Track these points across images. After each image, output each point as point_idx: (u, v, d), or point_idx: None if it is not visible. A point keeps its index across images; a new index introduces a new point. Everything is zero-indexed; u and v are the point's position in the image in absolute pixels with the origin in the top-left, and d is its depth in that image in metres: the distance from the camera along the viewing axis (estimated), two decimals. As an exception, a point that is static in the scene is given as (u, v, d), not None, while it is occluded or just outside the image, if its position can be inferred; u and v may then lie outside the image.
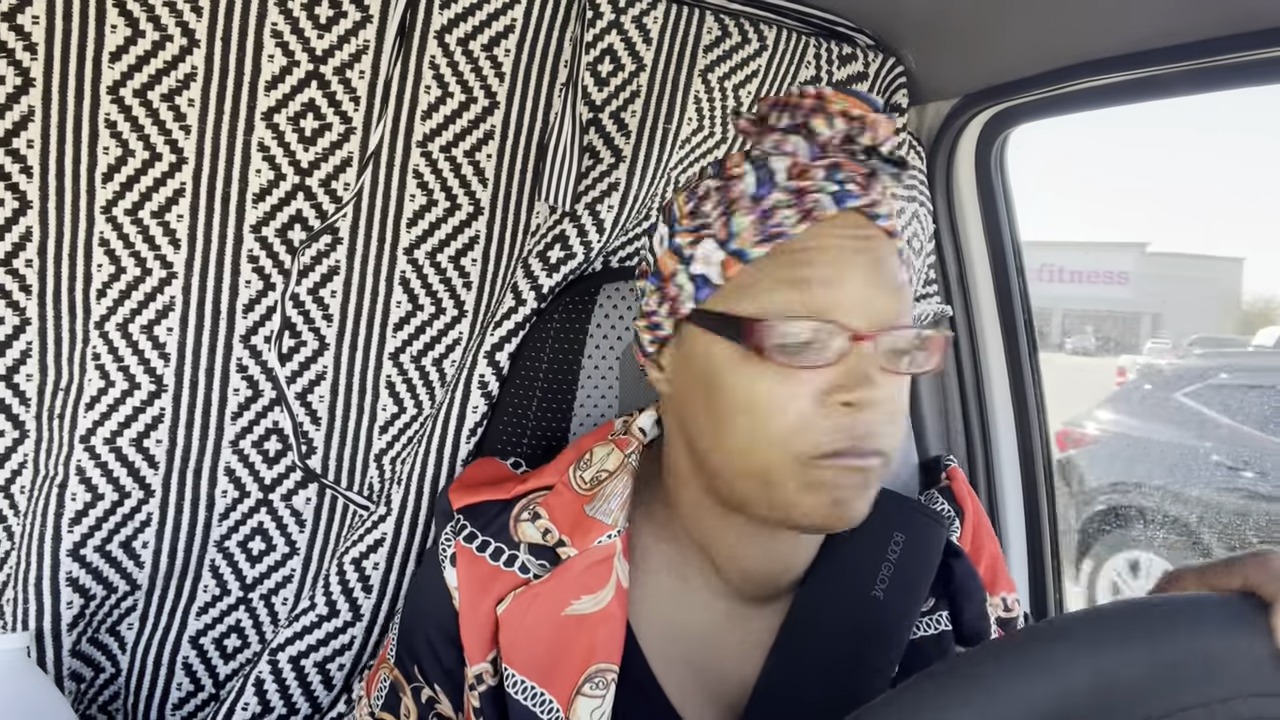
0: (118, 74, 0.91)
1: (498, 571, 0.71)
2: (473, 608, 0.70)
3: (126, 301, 0.95)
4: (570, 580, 0.69)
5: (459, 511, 0.75)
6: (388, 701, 0.75)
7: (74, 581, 0.94)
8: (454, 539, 0.73)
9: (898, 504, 0.76)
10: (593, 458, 0.74)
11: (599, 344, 0.96)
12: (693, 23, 1.04)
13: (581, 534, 0.70)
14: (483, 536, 0.72)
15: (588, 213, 0.99)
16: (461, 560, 0.71)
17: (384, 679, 0.76)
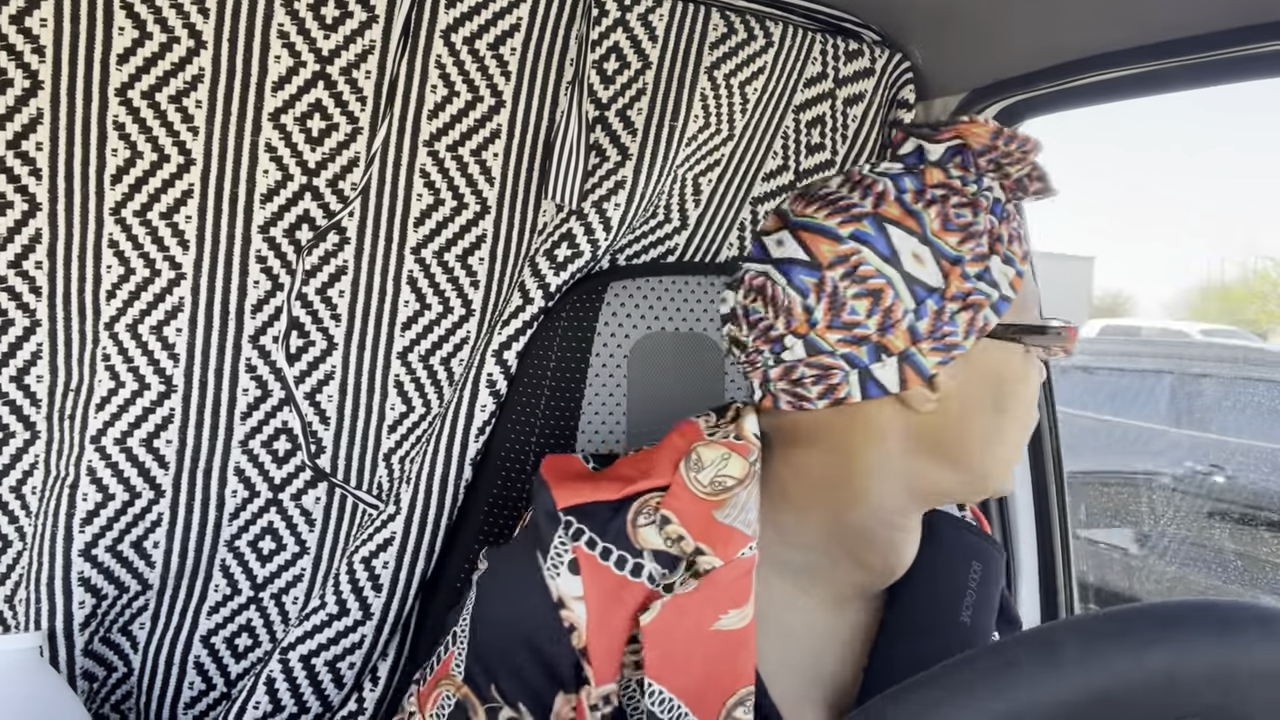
0: (125, 76, 0.91)
1: (625, 582, 0.65)
2: (603, 622, 0.64)
3: (136, 302, 0.95)
4: (718, 593, 0.64)
5: (567, 513, 0.67)
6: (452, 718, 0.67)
7: (85, 581, 0.94)
8: (570, 544, 0.66)
9: (970, 533, 0.79)
10: (703, 460, 0.68)
11: (606, 342, 0.97)
12: (698, 20, 1.04)
13: (721, 544, 0.65)
14: (603, 543, 0.66)
15: (595, 211, 0.99)
16: (586, 568, 0.65)
17: (447, 696, 0.68)
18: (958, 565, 0.76)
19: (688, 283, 0.99)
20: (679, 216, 1.09)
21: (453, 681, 0.68)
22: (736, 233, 1.13)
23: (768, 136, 1.10)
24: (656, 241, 1.10)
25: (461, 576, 0.96)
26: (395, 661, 1.02)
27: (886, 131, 1.15)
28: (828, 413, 0.68)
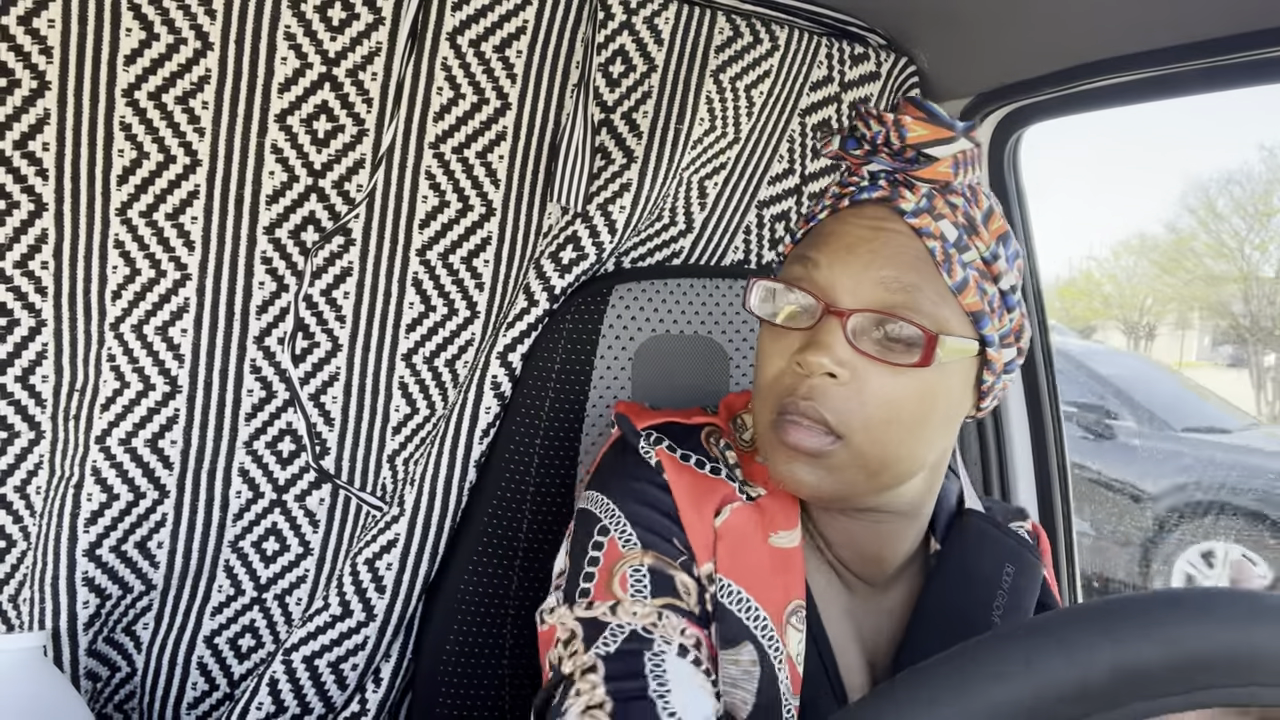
0: (132, 77, 0.92)
1: (706, 479, 0.71)
2: (694, 511, 0.69)
3: (141, 303, 0.95)
4: (771, 512, 0.70)
5: (647, 430, 0.74)
6: (658, 589, 0.66)
7: (90, 581, 0.94)
8: (653, 449, 0.72)
9: (1006, 535, 0.79)
10: (746, 423, 0.77)
11: (611, 344, 0.97)
12: (704, 23, 1.04)
13: (763, 478, 0.72)
14: (682, 449, 0.73)
15: (600, 213, 0.99)
16: (669, 468, 0.71)
17: (634, 569, 0.67)
18: (991, 565, 0.76)
19: (693, 286, 0.99)
20: (684, 219, 1.09)
21: (634, 555, 0.68)
22: (742, 236, 1.13)
23: (773, 140, 1.10)
24: (662, 244, 1.10)
25: (464, 578, 0.96)
26: (398, 663, 1.02)
27: None
28: None
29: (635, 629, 0.64)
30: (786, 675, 0.67)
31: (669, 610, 0.65)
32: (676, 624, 0.65)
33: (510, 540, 0.96)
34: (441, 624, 0.96)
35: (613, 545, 0.69)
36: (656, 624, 0.64)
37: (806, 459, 0.64)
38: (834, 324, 0.63)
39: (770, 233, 1.14)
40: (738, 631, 0.67)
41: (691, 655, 0.64)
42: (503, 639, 0.97)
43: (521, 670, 0.97)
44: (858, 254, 0.65)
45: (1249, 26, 0.82)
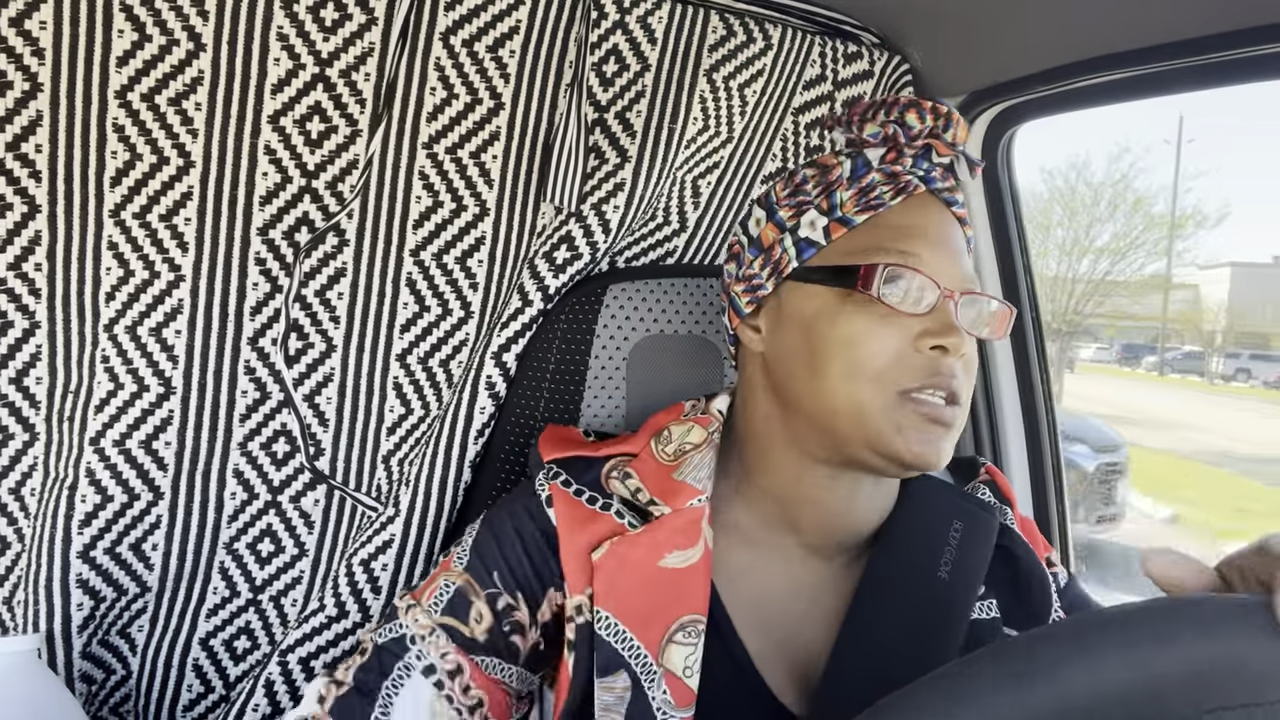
0: (125, 78, 0.92)
1: (594, 514, 0.75)
2: (572, 542, 0.73)
3: (135, 304, 0.95)
4: (663, 536, 0.72)
5: (551, 462, 0.79)
6: (451, 606, 0.73)
7: (84, 583, 0.94)
8: (548, 483, 0.76)
9: (955, 494, 0.81)
10: (672, 434, 0.79)
11: (605, 344, 0.96)
12: (697, 22, 1.04)
13: (671, 496, 0.74)
14: (577, 484, 0.76)
15: (594, 213, 0.99)
16: (558, 501, 0.75)
17: (445, 584, 0.74)
18: (937, 525, 0.78)
19: (687, 285, 0.99)
20: (678, 219, 1.09)
21: (453, 572, 0.75)
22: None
23: (767, 139, 1.10)
24: (656, 244, 1.10)
25: None
26: (394, 664, 1.02)
27: None
28: (742, 375, 0.81)
29: (407, 634, 0.72)
30: (665, 693, 0.69)
31: (444, 630, 0.72)
32: (443, 646, 0.72)
33: None
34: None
35: (450, 559, 0.76)
36: (425, 638, 0.72)
37: (944, 431, 0.69)
38: (951, 307, 0.70)
39: None
40: (611, 660, 0.70)
41: (437, 677, 0.71)
42: None
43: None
44: (947, 244, 0.72)
45: (1241, 24, 0.83)
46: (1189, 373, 25.94)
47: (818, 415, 0.71)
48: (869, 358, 0.68)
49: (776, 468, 0.76)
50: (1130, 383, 21.28)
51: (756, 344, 0.77)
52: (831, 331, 0.70)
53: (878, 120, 0.75)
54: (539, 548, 0.74)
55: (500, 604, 0.73)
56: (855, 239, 0.72)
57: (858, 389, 0.68)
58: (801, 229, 0.74)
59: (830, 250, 0.73)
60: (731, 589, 0.75)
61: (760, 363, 0.77)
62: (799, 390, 0.72)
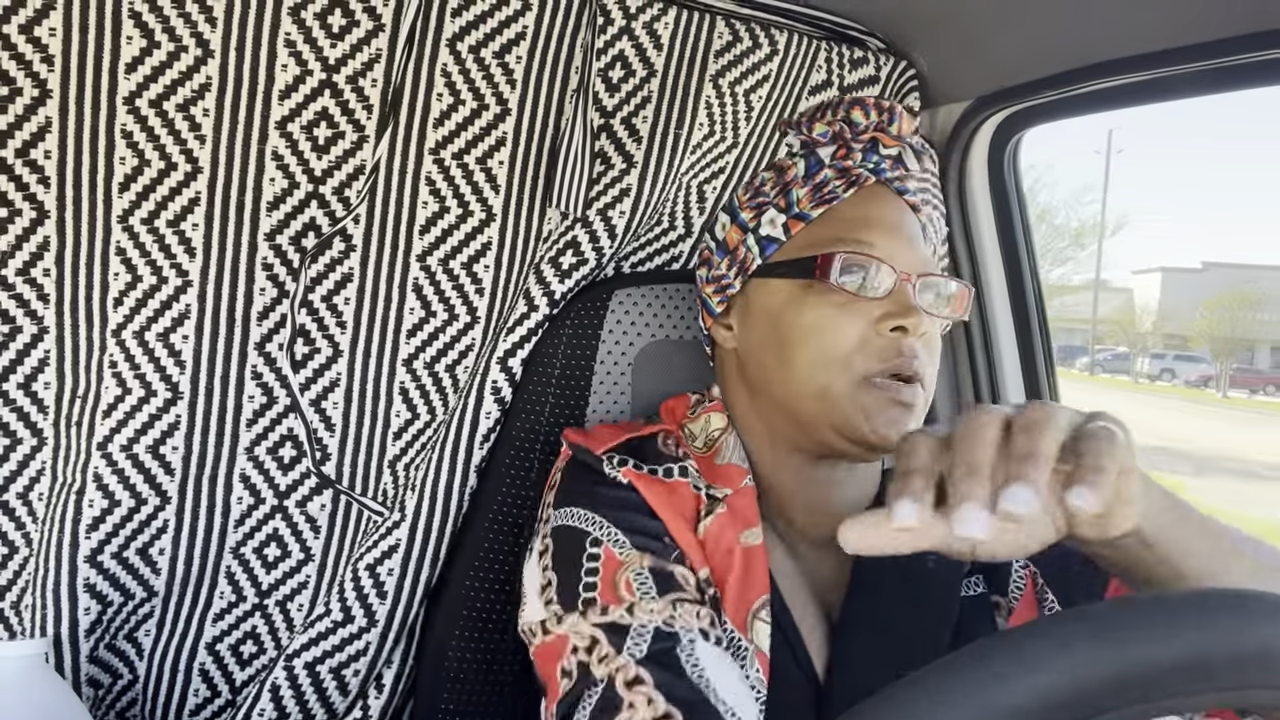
0: (134, 84, 0.92)
1: (675, 486, 0.75)
2: (676, 521, 0.73)
3: (143, 309, 0.96)
4: (737, 514, 0.74)
5: (608, 453, 0.77)
6: (660, 584, 0.69)
7: (91, 588, 0.95)
8: (618, 470, 0.75)
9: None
10: (693, 431, 0.81)
11: (611, 350, 0.97)
12: (703, 28, 1.04)
13: (725, 479, 0.76)
14: (647, 465, 0.76)
15: (599, 218, 0.99)
16: (641, 486, 0.74)
17: (635, 572, 0.69)
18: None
19: (692, 290, 1.00)
20: (683, 224, 1.10)
21: (631, 560, 0.70)
22: (741, 240, 1.13)
23: (772, 144, 1.10)
24: (661, 249, 1.10)
25: (466, 583, 0.96)
26: (400, 669, 1.02)
27: None
28: (720, 374, 0.85)
29: (658, 626, 0.66)
30: (757, 670, 0.70)
31: (680, 602, 0.68)
32: (691, 610, 0.68)
33: (512, 545, 0.96)
34: (443, 630, 0.96)
35: (609, 554, 0.71)
36: (675, 616, 0.67)
37: (907, 412, 0.72)
38: (909, 289, 0.73)
39: None
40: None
41: (713, 637, 0.68)
42: (505, 644, 0.97)
43: (523, 675, 0.97)
44: (900, 230, 0.76)
45: (1248, 29, 0.83)
46: (1118, 373, 27.40)
47: (787, 402, 0.75)
48: (834, 343, 0.72)
49: (758, 459, 0.80)
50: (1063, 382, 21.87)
51: (729, 341, 0.81)
52: (797, 320, 0.74)
53: (825, 119, 0.81)
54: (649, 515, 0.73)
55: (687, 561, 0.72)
56: (813, 233, 0.76)
57: (824, 374, 0.72)
58: (763, 228, 0.79)
59: (790, 245, 0.78)
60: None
61: (734, 359, 0.82)
62: (769, 379, 0.76)
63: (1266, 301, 27.97)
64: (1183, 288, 30.59)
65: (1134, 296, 30.76)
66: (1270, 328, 28.60)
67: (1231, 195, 66.71)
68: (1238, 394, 24.61)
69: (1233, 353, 26.36)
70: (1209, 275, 31.73)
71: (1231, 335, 26.28)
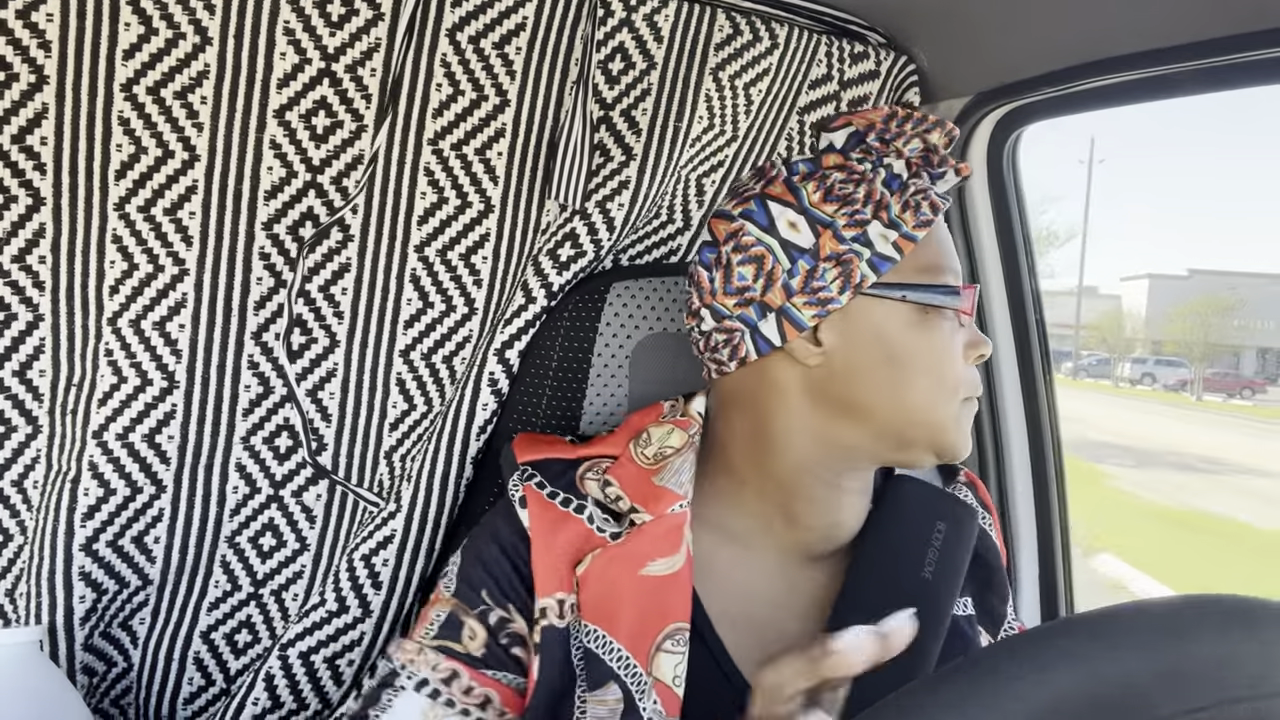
0: (131, 71, 0.92)
1: (567, 516, 0.75)
2: (546, 545, 0.73)
3: (139, 298, 0.95)
4: (646, 543, 0.72)
5: (525, 464, 0.79)
6: (443, 632, 0.73)
7: (86, 576, 0.94)
8: (521, 484, 0.76)
9: (937, 495, 0.82)
10: (651, 437, 0.79)
11: (609, 342, 0.97)
12: (704, 21, 1.04)
13: (653, 502, 0.74)
14: (551, 486, 0.76)
15: (598, 211, 0.99)
16: (531, 502, 0.75)
17: (437, 614, 0.74)
18: (921, 525, 0.78)
19: None
20: (682, 217, 1.09)
21: (442, 601, 0.75)
22: (739, 234, 1.13)
23: (772, 138, 1.10)
24: (659, 242, 1.10)
25: None
26: (394, 659, 1.02)
27: None
28: (743, 375, 0.76)
29: (394, 666, 0.73)
30: (655, 702, 0.69)
31: (434, 650, 0.72)
32: (432, 660, 0.72)
33: None
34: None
35: (438, 592, 0.77)
36: (414, 659, 0.72)
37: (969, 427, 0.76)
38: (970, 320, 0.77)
39: None
40: (602, 673, 0.70)
41: (431, 688, 0.71)
42: None
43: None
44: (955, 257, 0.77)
45: (1248, 27, 0.83)
46: (1100, 377, 28.01)
47: (893, 424, 0.73)
48: (951, 371, 0.73)
49: (789, 469, 0.75)
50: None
51: (811, 357, 0.73)
52: (917, 346, 0.72)
53: (904, 135, 0.77)
54: (520, 553, 0.74)
55: (492, 619, 0.73)
56: (917, 254, 0.73)
57: (941, 400, 0.73)
58: (875, 243, 0.72)
59: (902, 266, 0.73)
60: (714, 590, 0.75)
61: (802, 374, 0.74)
62: (873, 402, 0.72)
63: (1240, 306, 28.53)
64: (1169, 294, 31.26)
65: (1122, 302, 31.19)
66: (1246, 333, 29.26)
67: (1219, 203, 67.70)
68: (1213, 398, 25.06)
69: (1206, 357, 26.93)
70: (1194, 282, 32.40)
71: (1205, 340, 26.86)
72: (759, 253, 0.74)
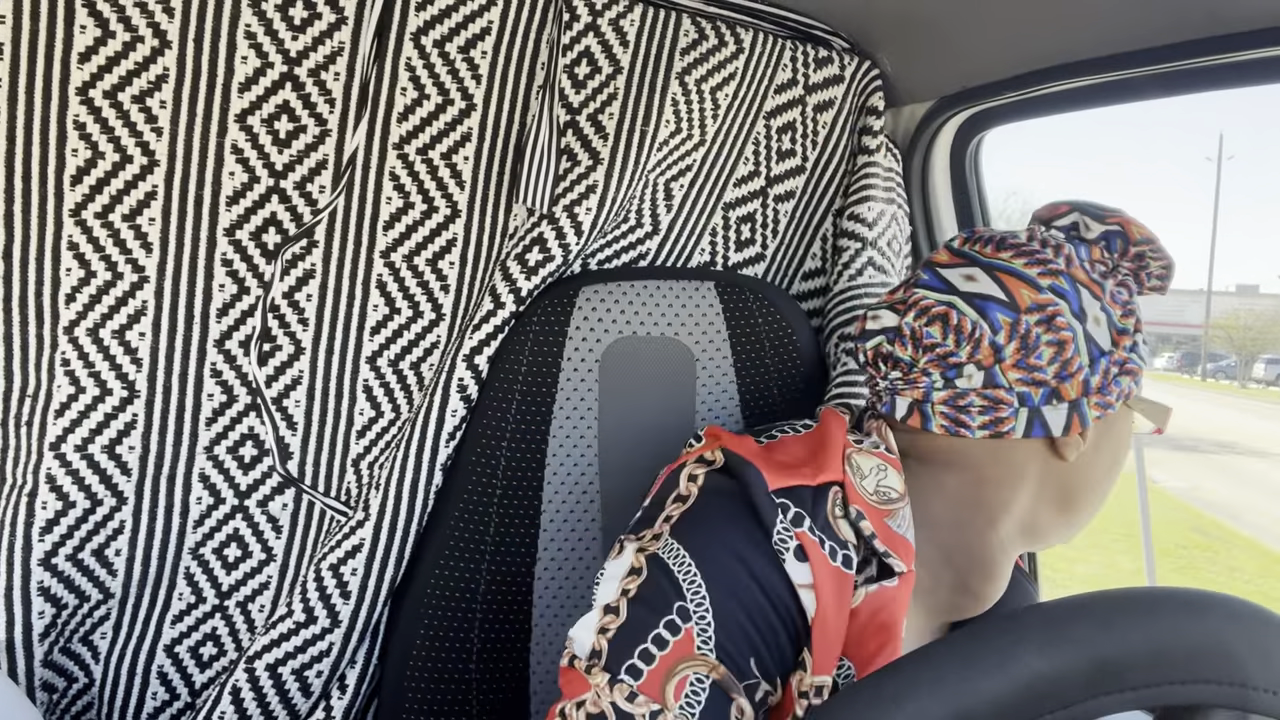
0: (87, 75, 0.90)
1: (840, 574, 0.64)
2: (831, 611, 0.63)
3: (97, 306, 0.94)
4: (904, 594, 0.66)
5: (779, 494, 0.66)
6: (710, 707, 0.60)
7: (45, 590, 0.92)
8: (794, 529, 0.64)
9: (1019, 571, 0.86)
10: (862, 468, 0.69)
11: (578, 346, 0.96)
12: (669, 26, 1.04)
13: (900, 550, 0.67)
14: (818, 533, 0.65)
15: (566, 215, 0.99)
16: (814, 557, 0.64)
17: (698, 679, 0.61)
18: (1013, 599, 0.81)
19: (659, 287, 0.99)
20: (650, 221, 1.09)
21: (704, 661, 0.61)
22: (708, 238, 1.13)
23: (739, 142, 1.11)
24: (628, 246, 1.10)
25: (431, 583, 0.95)
26: (363, 670, 1.01)
27: (855, 139, 1.15)
28: (976, 443, 0.71)
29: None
30: None
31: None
32: None
33: (477, 544, 0.96)
34: (408, 629, 0.96)
35: (688, 638, 0.61)
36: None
37: None
38: None
39: (736, 234, 1.15)
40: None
41: None
42: (470, 643, 0.96)
43: (489, 674, 0.97)
44: None
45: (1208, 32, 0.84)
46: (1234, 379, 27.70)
47: (1083, 519, 0.76)
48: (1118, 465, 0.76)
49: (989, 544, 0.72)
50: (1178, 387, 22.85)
51: (1070, 452, 0.71)
52: (1123, 452, 0.76)
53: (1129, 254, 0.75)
54: (791, 616, 0.63)
55: (759, 694, 0.63)
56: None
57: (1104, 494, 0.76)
58: (1142, 353, 0.74)
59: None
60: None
61: (1049, 465, 0.72)
62: (1092, 501, 0.76)
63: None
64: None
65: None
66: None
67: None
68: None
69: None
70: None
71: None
72: (1066, 337, 0.69)
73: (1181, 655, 0.39)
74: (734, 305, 1.01)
